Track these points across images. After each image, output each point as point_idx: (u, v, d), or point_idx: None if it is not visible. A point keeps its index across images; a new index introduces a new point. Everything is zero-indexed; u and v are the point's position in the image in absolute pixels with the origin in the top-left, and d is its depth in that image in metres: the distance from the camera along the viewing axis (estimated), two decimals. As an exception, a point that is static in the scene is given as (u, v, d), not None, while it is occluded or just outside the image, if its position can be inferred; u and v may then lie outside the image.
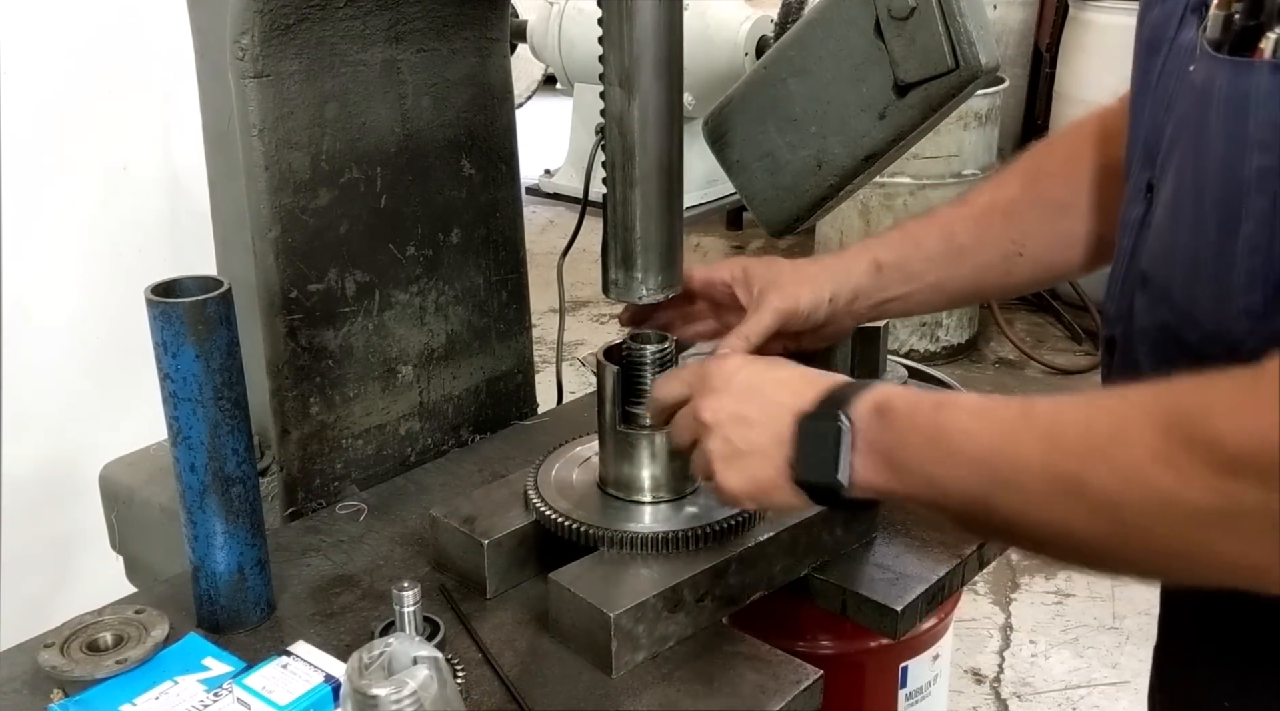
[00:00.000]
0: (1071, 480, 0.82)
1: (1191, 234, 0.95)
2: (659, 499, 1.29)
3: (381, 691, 0.90)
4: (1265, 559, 0.74)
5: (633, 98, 1.17)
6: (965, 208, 1.36)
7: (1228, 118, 0.88)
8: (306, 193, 1.42)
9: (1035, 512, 0.86)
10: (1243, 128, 0.86)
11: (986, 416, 0.91)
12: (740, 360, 1.11)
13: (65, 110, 2.14)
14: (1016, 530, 0.89)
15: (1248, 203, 0.87)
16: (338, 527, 1.44)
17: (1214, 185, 0.91)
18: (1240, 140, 0.86)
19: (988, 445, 0.89)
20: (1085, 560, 0.89)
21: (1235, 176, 0.87)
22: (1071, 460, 0.83)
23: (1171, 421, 0.77)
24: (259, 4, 1.31)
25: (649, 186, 1.21)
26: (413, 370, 1.60)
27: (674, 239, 1.25)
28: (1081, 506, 0.82)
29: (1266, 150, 0.84)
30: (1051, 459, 0.84)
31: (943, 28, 1.20)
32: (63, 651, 1.13)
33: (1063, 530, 0.84)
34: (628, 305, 1.35)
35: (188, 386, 1.13)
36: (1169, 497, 0.77)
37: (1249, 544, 0.75)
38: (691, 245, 6.15)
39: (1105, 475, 0.80)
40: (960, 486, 0.90)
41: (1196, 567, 0.80)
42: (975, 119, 4.49)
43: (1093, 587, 3.42)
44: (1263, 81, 0.84)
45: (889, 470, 0.95)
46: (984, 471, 0.89)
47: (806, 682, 1.13)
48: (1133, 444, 0.79)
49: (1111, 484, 0.80)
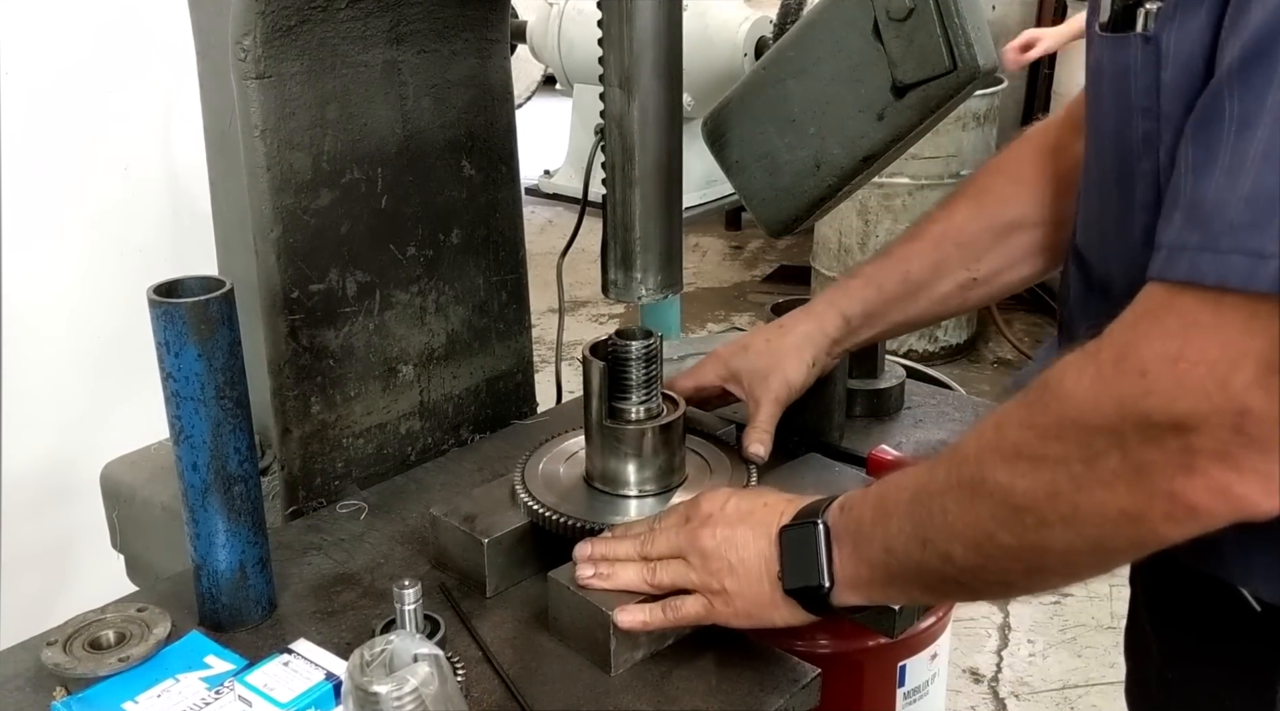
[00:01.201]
0: (974, 481, 0.90)
1: (1100, 203, 1.03)
2: (645, 493, 1.30)
3: (382, 688, 0.91)
4: (1135, 504, 0.80)
5: (632, 98, 1.17)
6: (919, 242, 1.42)
7: (1115, 90, 0.95)
8: (308, 193, 1.43)
9: (961, 531, 0.92)
10: (1126, 97, 0.93)
11: (915, 467, 0.99)
12: (727, 491, 1.17)
13: (67, 110, 2.14)
14: (958, 562, 0.94)
15: (1137, 166, 0.93)
16: (339, 526, 1.45)
17: (1110, 154, 0.98)
18: (1125, 109, 0.93)
19: (912, 488, 0.97)
20: (1018, 571, 0.93)
21: (1125, 143, 0.94)
22: (969, 464, 0.91)
23: (1032, 396, 0.86)
24: (261, 5, 1.32)
25: (648, 187, 1.21)
26: (413, 370, 1.60)
27: (673, 239, 1.26)
28: (988, 504, 0.89)
29: (1146, 114, 0.91)
30: (956, 472, 0.92)
31: (940, 29, 1.20)
32: (65, 649, 1.14)
33: (986, 541, 0.90)
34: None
35: (190, 386, 1.14)
36: (1036, 460, 0.84)
37: (1114, 493, 0.81)
38: (690, 245, 6.16)
39: (996, 462, 0.88)
40: (902, 540, 0.97)
41: (1090, 531, 0.84)
42: (974, 119, 4.50)
43: (1090, 587, 3.43)
44: (1137, 52, 0.91)
45: (855, 555, 1.02)
46: (915, 512, 0.96)
47: (804, 681, 1.13)
48: (1008, 425, 0.88)
49: (1000, 467, 0.88)
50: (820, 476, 1.38)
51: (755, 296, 5.59)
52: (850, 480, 1.38)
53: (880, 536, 1.00)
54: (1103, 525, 0.83)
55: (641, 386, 1.29)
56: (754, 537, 1.09)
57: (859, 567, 1.02)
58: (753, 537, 1.09)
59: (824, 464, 1.43)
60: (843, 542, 1.03)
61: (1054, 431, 0.83)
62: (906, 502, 0.97)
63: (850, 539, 1.03)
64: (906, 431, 1.65)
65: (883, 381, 1.71)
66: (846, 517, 1.04)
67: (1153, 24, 0.89)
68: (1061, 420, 0.82)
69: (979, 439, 0.92)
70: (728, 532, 1.10)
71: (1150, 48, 0.89)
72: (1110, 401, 0.79)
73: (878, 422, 1.68)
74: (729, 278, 5.89)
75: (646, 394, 1.30)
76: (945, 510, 0.93)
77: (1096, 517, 0.83)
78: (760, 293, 5.61)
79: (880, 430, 1.66)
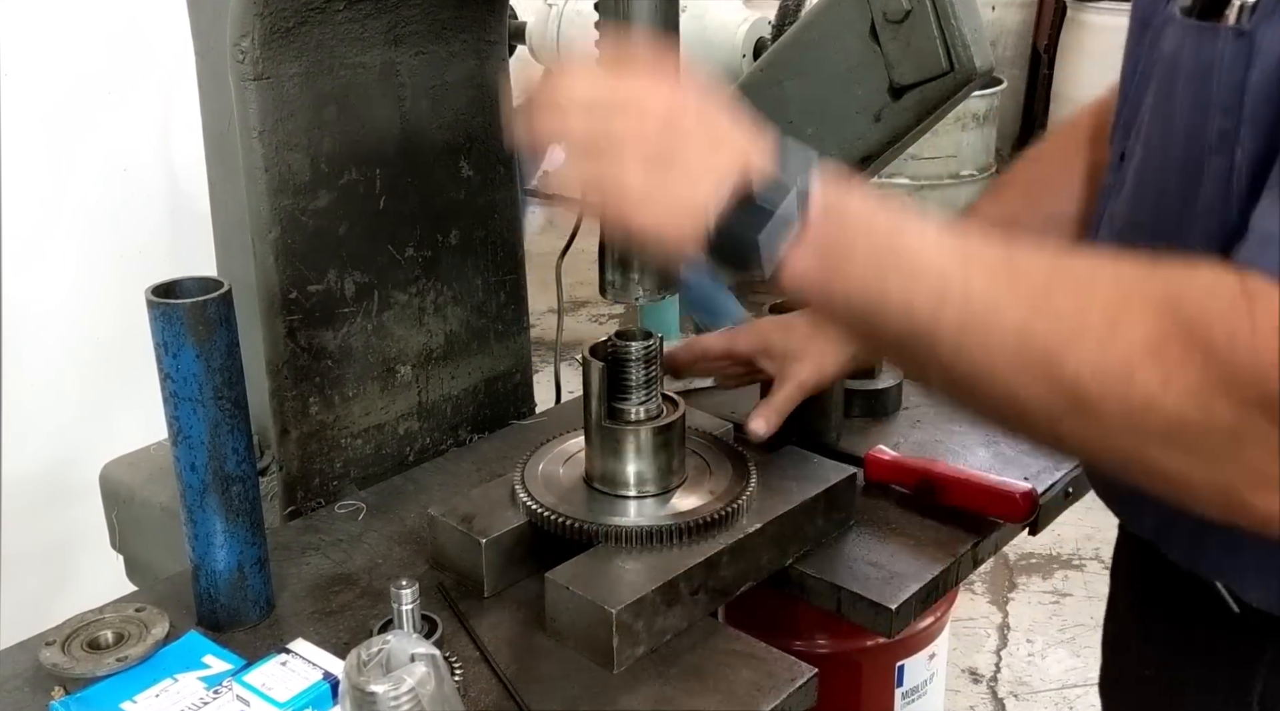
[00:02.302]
0: (1047, 354, 0.78)
1: (1155, 199, 0.98)
2: (645, 494, 1.30)
3: (379, 688, 0.91)
4: (1207, 476, 0.76)
5: None
6: (972, 222, 1.34)
7: (1194, 82, 0.90)
8: (306, 194, 1.43)
9: (989, 369, 0.80)
10: (1206, 92, 0.88)
11: (963, 254, 0.84)
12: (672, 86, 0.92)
13: (66, 112, 2.14)
14: (951, 373, 0.83)
15: (1208, 165, 0.89)
16: (337, 526, 1.45)
17: (1179, 149, 0.93)
18: (1204, 103, 0.89)
19: (961, 284, 0.81)
20: (1011, 420, 0.85)
21: (1198, 139, 0.90)
22: (1053, 336, 0.78)
23: (1173, 318, 0.75)
24: (259, 7, 1.32)
25: None
26: (411, 370, 1.60)
27: None
28: (1042, 383, 0.78)
29: (1227, 112, 0.87)
30: (1032, 326, 0.79)
31: (937, 31, 1.21)
32: (64, 649, 1.14)
33: (1008, 394, 0.80)
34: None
35: (188, 386, 1.14)
36: (1147, 399, 0.74)
37: (1201, 461, 0.75)
38: (690, 246, 6.15)
39: (1088, 358, 0.76)
40: (906, 311, 0.82)
41: (1133, 462, 0.79)
42: (973, 120, 4.51)
43: (1090, 587, 3.43)
44: (1226, 46, 0.86)
45: (825, 267, 0.85)
46: (951, 308, 0.81)
47: (801, 680, 1.13)
48: (1129, 329, 0.75)
49: (1090, 370, 0.76)
50: (801, 469, 1.39)
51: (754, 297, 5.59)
52: (830, 470, 1.38)
53: (876, 285, 0.84)
54: (1157, 474, 0.78)
55: (641, 387, 1.30)
56: (710, 149, 0.88)
57: (820, 274, 0.86)
58: (708, 148, 0.88)
59: (803, 456, 1.43)
60: (813, 244, 0.85)
61: (1181, 372, 0.73)
62: (937, 292, 0.81)
63: (824, 250, 0.85)
64: (904, 432, 1.65)
65: (880, 382, 1.72)
66: (830, 227, 0.85)
67: (1248, 19, 0.84)
68: (1205, 369, 0.73)
69: (1079, 315, 0.77)
70: (673, 120, 0.89)
71: (1242, 43, 0.84)
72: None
73: (875, 423, 1.68)
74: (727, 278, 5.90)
75: (646, 395, 1.30)
76: (989, 344, 0.80)
77: (1155, 465, 0.77)
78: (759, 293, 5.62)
79: (878, 430, 1.66)
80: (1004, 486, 1.39)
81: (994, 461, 1.56)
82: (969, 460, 1.56)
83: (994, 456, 1.57)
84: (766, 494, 1.32)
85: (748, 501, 1.29)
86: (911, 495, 1.46)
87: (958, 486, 1.42)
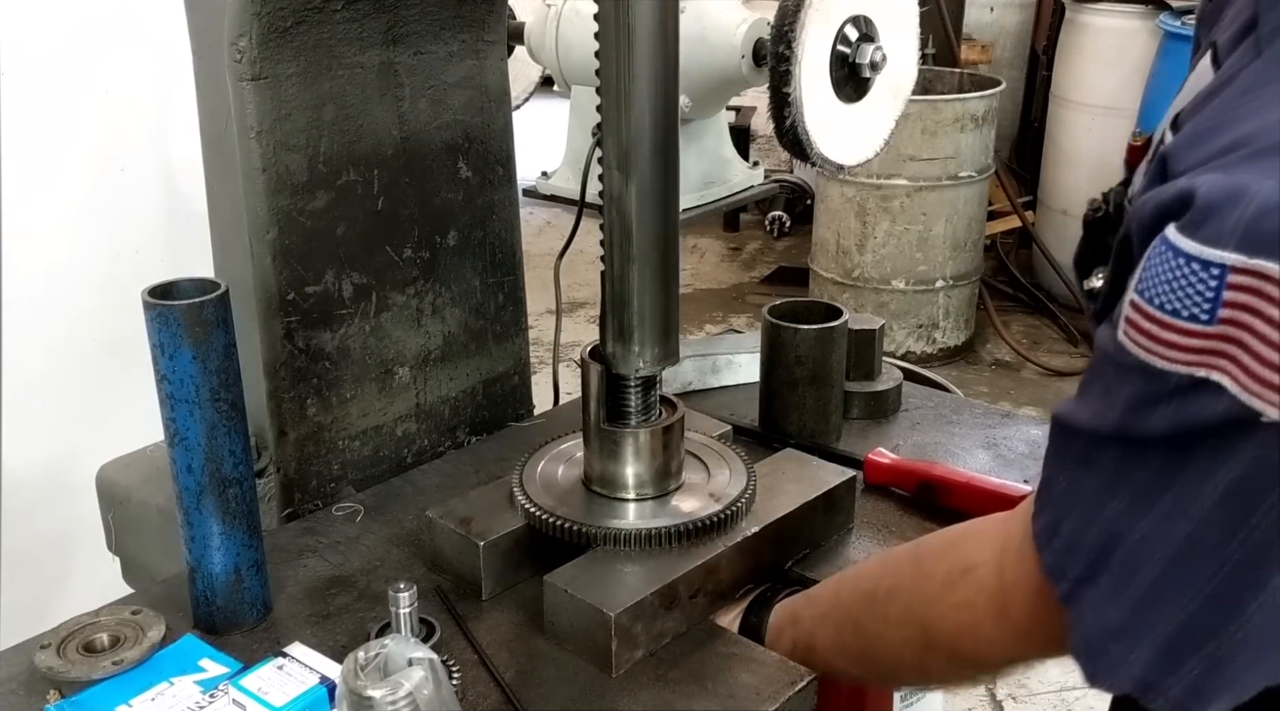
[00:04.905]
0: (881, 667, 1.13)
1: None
2: (644, 496, 1.30)
3: (377, 692, 0.91)
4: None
5: (630, 180, 1.18)
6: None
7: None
8: (304, 195, 1.42)
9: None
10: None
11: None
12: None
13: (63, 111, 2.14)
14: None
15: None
16: (334, 529, 1.44)
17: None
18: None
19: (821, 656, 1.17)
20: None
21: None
22: (874, 666, 1.13)
23: (926, 640, 1.03)
24: (256, 6, 1.31)
25: (646, 264, 1.22)
26: (409, 372, 1.60)
27: (670, 313, 1.26)
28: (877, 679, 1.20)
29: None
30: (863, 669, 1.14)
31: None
32: (59, 652, 1.13)
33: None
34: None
35: (185, 388, 1.14)
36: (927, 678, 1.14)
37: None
38: (688, 246, 6.16)
39: (907, 661, 1.08)
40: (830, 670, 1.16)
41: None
42: (972, 121, 4.49)
43: (1088, 589, 3.42)
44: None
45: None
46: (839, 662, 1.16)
47: (800, 684, 1.13)
48: (905, 646, 1.06)
49: (897, 669, 1.12)
50: (800, 472, 1.38)
51: (753, 298, 5.58)
52: (830, 473, 1.38)
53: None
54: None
55: (640, 390, 1.29)
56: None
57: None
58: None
59: (803, 459, 1.42)
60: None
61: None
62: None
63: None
64: (904, 434, 1.65)
65: (880, 383, 1.71)
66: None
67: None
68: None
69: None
70: None
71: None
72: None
73: (875, 425, 1.68)
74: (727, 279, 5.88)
75: (645, 397, 1.30)
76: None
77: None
78: (758, 294, 5.61)
79: (877, 432, 1.66)
80: (1004, 489, 1.39)
81: (994, 464, 1.56)
82: (969, 462, 1.55)
83: (994, 459, 1.57)
84: (766, 496, 1.32)
85: (747, 504, 1.29)
86: (911, 498, 1.45)
87: (957, 489, 1.42)
